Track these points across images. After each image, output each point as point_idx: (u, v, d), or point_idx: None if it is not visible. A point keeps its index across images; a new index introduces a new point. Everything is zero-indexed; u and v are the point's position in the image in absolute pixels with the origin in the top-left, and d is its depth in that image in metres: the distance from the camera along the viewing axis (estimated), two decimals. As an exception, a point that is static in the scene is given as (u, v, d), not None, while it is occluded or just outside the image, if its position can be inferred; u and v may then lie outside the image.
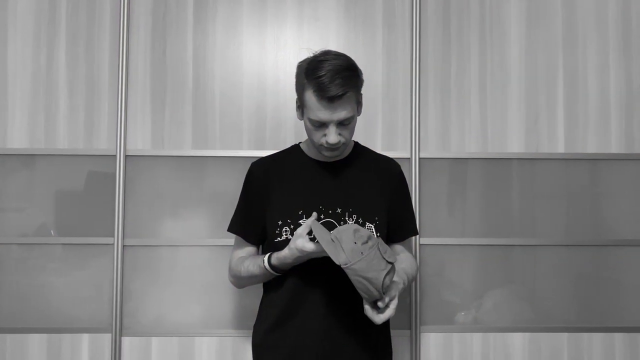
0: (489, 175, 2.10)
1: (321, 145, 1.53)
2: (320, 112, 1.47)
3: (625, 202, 2.10)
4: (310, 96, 1.47)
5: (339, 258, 1.36)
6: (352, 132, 1.55)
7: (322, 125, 1.49)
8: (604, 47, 2.12)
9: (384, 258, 1.38)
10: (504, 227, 2.09)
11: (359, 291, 1.39)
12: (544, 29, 2.12)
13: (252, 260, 1.60)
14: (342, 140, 1.52)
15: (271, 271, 1.54)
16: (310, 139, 1.57)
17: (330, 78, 1.43)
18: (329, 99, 1.44)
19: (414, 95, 2.08)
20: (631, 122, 2.11)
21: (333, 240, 1.39)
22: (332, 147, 1.52)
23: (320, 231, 1.42)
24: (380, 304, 1.39)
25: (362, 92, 1.56)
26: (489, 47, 2.11)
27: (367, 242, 1.39)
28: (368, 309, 1.41)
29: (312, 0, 2.10)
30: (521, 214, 2.09)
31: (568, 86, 2.11)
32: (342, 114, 1.47)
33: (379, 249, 1.39)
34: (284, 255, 1.50)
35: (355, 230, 1.40)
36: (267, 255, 1.55)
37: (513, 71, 2.11)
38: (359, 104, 1.56)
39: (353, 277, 1.36)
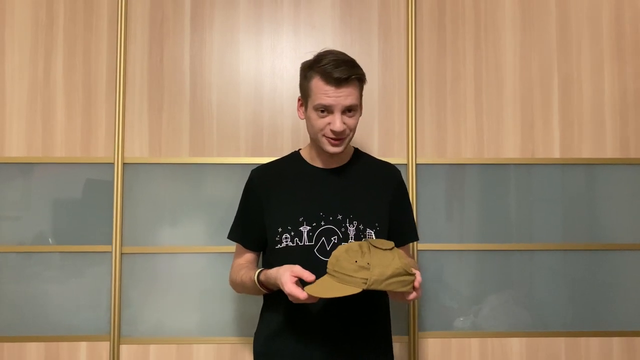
0: (486, 181, 2.10)
1: (324, 137, 1.54)
2: (326, 95, 1.49)
3: (622, 206, 2.11)
4: (317, 82, 1.51)
5: (355, 287, 1.34)
6: (355, 125, 1.56)
7: (327, 112, 1.51)
8: (598, 52, 2.13)
9: (384, 249, 1.38)
10: (501, 232, 2.10)
11: (399, 292, 1.36)
12: (538, 34, 2.13)
13: (247, 272, 1.60)
14: (347, 130, 1.53)
15: (259, 287, 1.53)
16: (313, 133, 1.56)
17: (336, 64, 1.49)
18: (336, 81, 1.48)
19: (410, 101, 2.09)
20: (626, 127, 2.12)
21: (334, 275, 1.37)
22: (336, 137, 1.53)
23: (321, 285, 1.39)
24: (416, 283, 1.38)
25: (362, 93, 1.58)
26: (484, 53, 2.12)
27: (362, 250, 1.37)
28: (412, 295, 1.39)
29: (308, 7, 2.11)
30: (518, 219, 2.10)
31: (563, 91, 2.12)
32: (348, 99, 1.50)
33: (375, 246, 1.38)
34: (270, 273, 1.48)
35: (347, 250, 1.38)
36: (258, 270, 1.54)
37: (508, 76, 2.12)
38: (360, 104, 1.57)
39: (383, 287, 1.34)
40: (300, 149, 1.71)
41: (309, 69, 1.54)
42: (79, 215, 2.04)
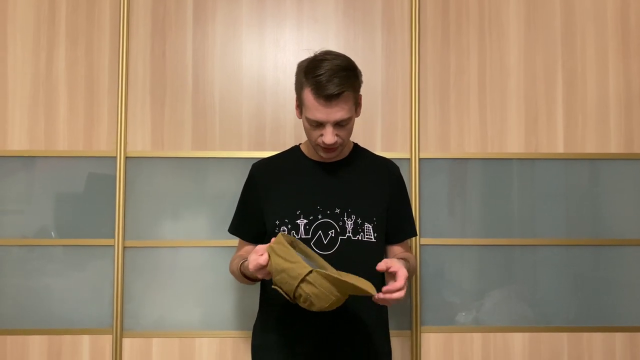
0: (489, 176, 2.10)
1: (318, 145, 1.54)
2: (317, 111, 1.47)
3: (625, 201, 2.10)
4: (308, 95, 1.48)
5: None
6: (349, 133, 1.55)
7: (319, 125, 1.50)
8: (603, 47, 2.12)
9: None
10: (504, 227, 2.09)
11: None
12: (542, 29, 2.12)
13: (237, 262, 1.60)
14: (339, 141, 1.52)
15: (242, 276, 1.54)
16: (308, 138, 1.58)
17: (328, 77, 1.44)
18: (326, 98, 1.45)
19: (413, 96, 2.08)
20: (630, 122, 2.11)
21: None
22: (329, 148, 1.53)
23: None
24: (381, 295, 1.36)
25: (361, 93, 1.57)
26: (488, 48, 2.11)
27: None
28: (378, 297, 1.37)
29: (311, 1, 2.10)
30: (521, 214, 2.09)
31: (567, 86, 2.11)
32: (338, 114, 1.48)
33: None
34: (246, 262, 1.47)
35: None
36: (242, 261, 1.54)
37: (512, 71, 2.11)
38: (357, 105, 1.56)
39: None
40: (300, 144, 1.71)
41: (303, 76, 1.50)
42: (81, 208, 2.04)
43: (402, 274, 1.36)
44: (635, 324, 2.08)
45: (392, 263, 1.39)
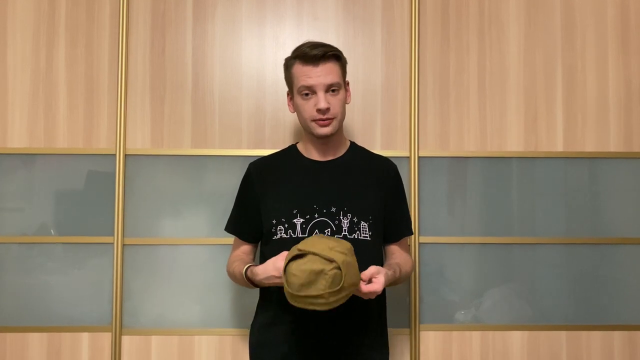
0: (488, 174, 2.10)
1: (313, 121, 1.57)
2: (306, 76, 1.54)
3: (624, 200, 2.10)
4: (297, 67, 1.57)
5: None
6: (341, 106, 1.59)
7: (312, 93, 1.55)
8: (603, 46, 2.12)
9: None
10: (504, 226, 2.09)
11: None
12: (542, 28, 2.12)
13: (239, 265, 1.62)
14: (333, 110, 1.56)
15: (247, 282, 1.55)
16: (303, 120, 1.60)
17: (313, 45, 1.56)
18: (314, 60, 1.53)
19: (413, 94, 2.08)
20: (630, 121, 2.11)
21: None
22: (324, 119, 1.55)
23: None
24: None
25: (359, 90, 1.60)
26: (488, 46, 2.11)
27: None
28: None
29: (311, -1, 2.10)
30: (520, 213, 2.09)
31: (567, 85, 2.11)
32: (328, 77, 1.54)
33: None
34: (257, 270, 1.51)
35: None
36: (247, 266, 1.56)
37: (512, 69, 2.11)
38: (346, 89, 1.62)
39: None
40: (297, 143, 1.73)
41: (289, 59, 1.60)
42: (81, 206, 2.05)
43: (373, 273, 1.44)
44: (633, 322, 2.08)
45: (373, 271, 1.44)
